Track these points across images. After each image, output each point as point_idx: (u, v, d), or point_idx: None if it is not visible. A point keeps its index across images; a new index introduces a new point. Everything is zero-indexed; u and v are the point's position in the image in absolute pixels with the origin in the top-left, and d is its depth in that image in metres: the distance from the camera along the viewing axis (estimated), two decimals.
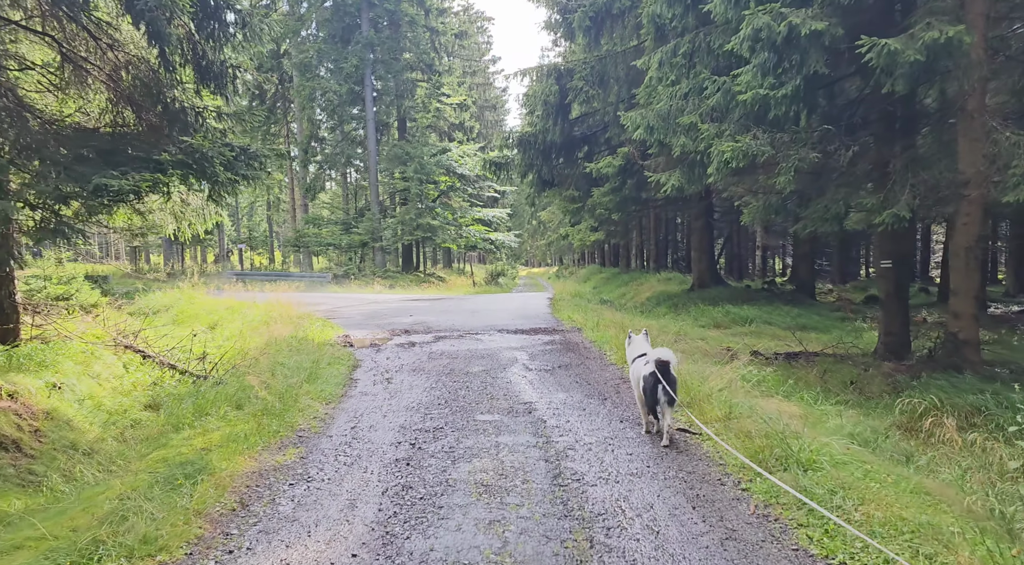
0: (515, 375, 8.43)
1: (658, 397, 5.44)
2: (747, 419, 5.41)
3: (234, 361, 9.27)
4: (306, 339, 10.69)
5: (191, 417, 6.32)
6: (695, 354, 10.31)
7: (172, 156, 6.29)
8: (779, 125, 9.24)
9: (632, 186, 20.01)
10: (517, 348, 10.59)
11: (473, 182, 40.42)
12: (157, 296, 18.33)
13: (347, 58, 35.32)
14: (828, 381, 9.09)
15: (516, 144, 21.92)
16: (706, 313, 17.71)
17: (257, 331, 12.03)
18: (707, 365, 8.69)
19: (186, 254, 56.47)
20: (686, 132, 10.60)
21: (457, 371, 8.74)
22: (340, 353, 9.97)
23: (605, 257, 50.45)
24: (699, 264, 21.92)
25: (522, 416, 6.41)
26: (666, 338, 12.20)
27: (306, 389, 7.26)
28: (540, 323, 13.89)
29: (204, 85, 7.07)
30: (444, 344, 11.11)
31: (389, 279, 32.76)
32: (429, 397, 7.32)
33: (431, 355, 10.02)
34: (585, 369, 8.79)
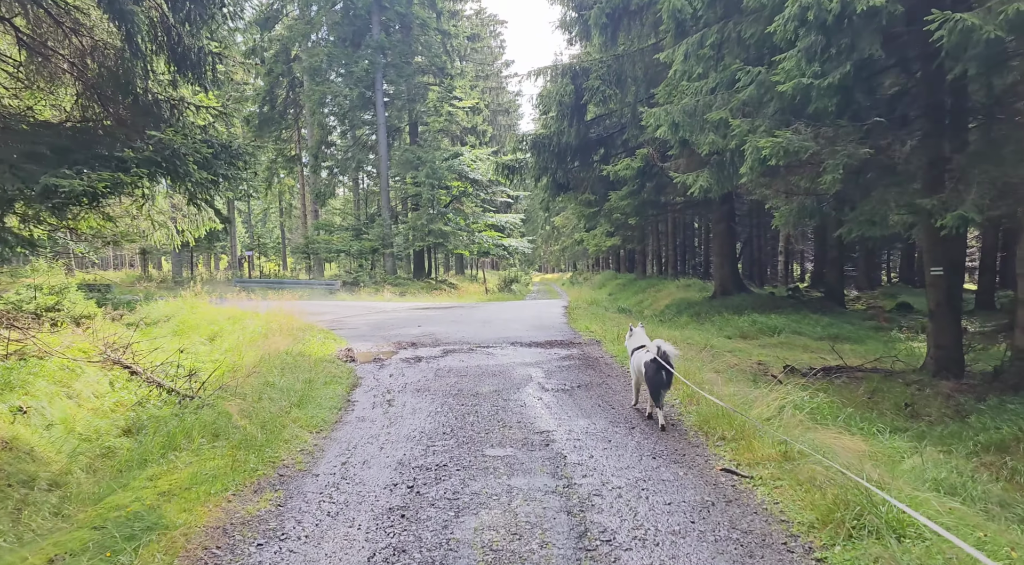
0: (530, 396, 7.59)
1: (662, 379, 6.14)
2: (809, 461, 4.53)
3: (224, 380, 8.50)
4: (303, 354, 9.91)
5: (161, 449, 5.53)
6: (728, 371, 9.41)
7: (137, 153, 5.53)
8: (819, 120, 8.36)
9: (651, 189, 19.15)
10: (532, 364, 9.74)
11: (486, 187, 39.67)
12: (159, 305, 17.67)
13: (357, 62, 34.73)
14: (878, 403, 8.18)
15: (530, 147, 21.11)
16: (731, 322, 16.78)
17: (254, 344, 11.27)
18: (744, 385, 7.81)
19: (199, 261, 56.12)
20: (715, 129, 9.73)
21: (465, 392, 7.91)
22: (339, 370, 9.16)
23: (620, 263, 49.51)
24: (721, 270, 20.98)
25: (538, 450, 5.56)
26: (692, 353, 11.31)
27: (295, 415, 6.45)
28: (556, 335, 13.04)
29: (181, 74, 6.31)
30: (453, 359, 10.28)
31: (400, 286, 32.01)
32: (433, 424, 6.48)
33: (438, 372, 9.20)
34: (607, 389, 7.93)
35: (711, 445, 5.50)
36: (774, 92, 8.65)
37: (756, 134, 8.53)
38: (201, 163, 6.05)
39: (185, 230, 10.30)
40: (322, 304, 23.21)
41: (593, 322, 14.74)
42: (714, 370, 9.06)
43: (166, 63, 6.15)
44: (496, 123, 53.54)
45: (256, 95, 42.03)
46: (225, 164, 6.46)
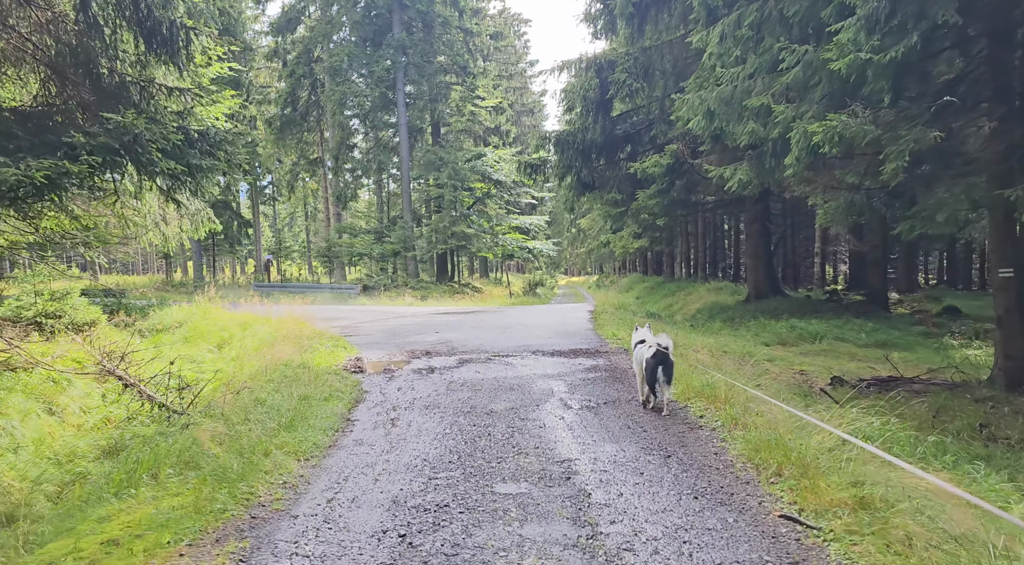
0: (550, 415, 6.74)
1: (657, 376, 6.58)
2: (896, 512, 3.63)
3: (216, 395, 7.80)
4: (306, 365, 9.17)
5: (119, 485, 4.79)
6: (771, 385, 8.48)
7: (90, 139, 4.81)
8: (872, 103, 7.42)
9: (681, 187, 18.19)
10: (554, 376, 8.89)
11: (510, 188, 38.87)
12: (172, 311, 17.18)
13: (378, 61, 34.19)
14: (947, 422, 7.19)
15: (553, 144, 20.26)
16: (767, 328, 15.77)
17: (258, 354, 10.60)
18: (793, 402, 6.88)
19: (225, 265, 56.09)
20: (755, 116, 8.81)
21: (478, 409, 7.09)
22: (343, 384, 8.40)
23: (648, 265, 48.40)
24: (755, 272, 19.93)
25: (558, 485, 4.72)
26: (729, 363, 10.39)
27: (282, 440, 5.67)
28: (581, 342, 12.18)
29: (151, 52, 5.59)
30: (468, 370, 9.47)
31: (421, 290, 31.34)
32: (439, 449, 5.68)
33: (450, 385, 8.39)
34: (638, 407, 7.05)
35: (764, 482, 4.61)
36: (822, 73, 7.73)
37: (803, 120, 7.61)
38: (169, 151, 5.33)
39: (183, 231, 9.66)
40: (339, 309, 22.60)
41: (620, 328, 13.85)
42: (756, 384, 8.14)
43: (133, 39, 5.44)
44: (520, 123, 52.74)
45: (278, 97, 41.72)
46: (201, 153, 5.74)
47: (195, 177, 6.09)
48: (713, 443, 5.60)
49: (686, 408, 6.78)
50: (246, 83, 46.79)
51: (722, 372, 8.47)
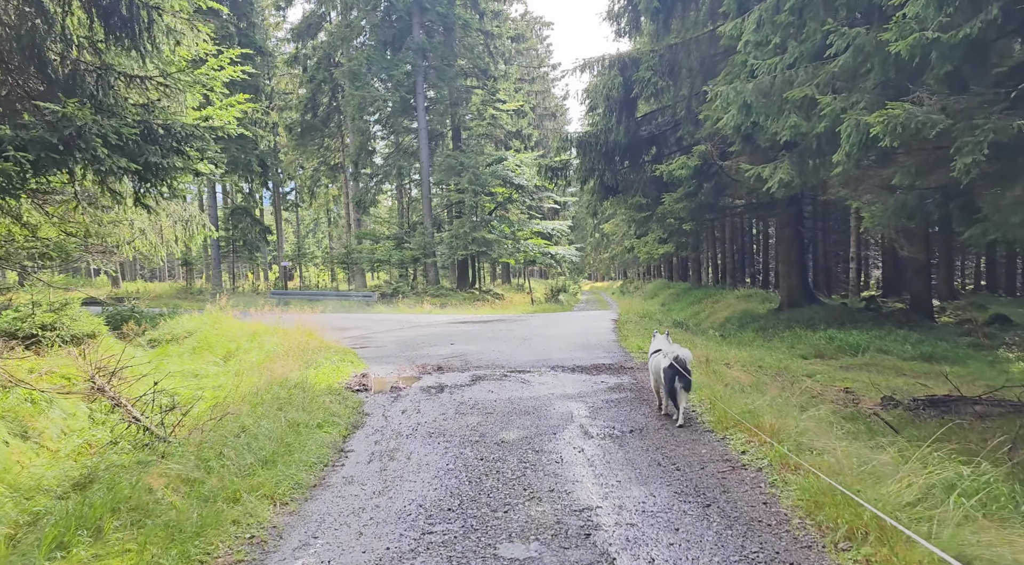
0: (568, 447, 5.92)
1: (675, 387, 6.53)
2: None
3: (205, 416, 7.10)
4: (305, 384, 8.43)
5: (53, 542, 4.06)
6: (811, 402, 7.59)
7: (20, 132, 4.11)
8: (935, 91, 6.53)
9: (709, 190, 17.28)
10: (574, 396, 8.07)
11: (531, 193, 38.14)
12: (182, 320, 16.66)
13: (398, 65, 33.66)
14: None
15: (575, 146, 19.44)
16: (803, 339, 14.79)
17: (260, 368, 9.90)
18: (846, 431, 5.99)
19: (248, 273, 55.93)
20: (797, 109, 7.94)
21: (488, 438, 6.30)
22: (341, 406, 7.65)
23: (673, 271, 47.31)
24: (788, 279, 18.92)
25: (575, 546, 3.90)
26: (767, 380, 9.51)
27: (258, 480, 4.92)
28: (604, 356, 11.34)
29: (110, 35, 4.90)
30: (481, 389, 8.68)
31: (441, 297, 30.65)
32: (438, 491, 4.90)
33: (460, 408, 7.61)
34: (669, 437, 6.20)
35: (831, 548, 3.74)
36: (876, 59, 6.85)
37: (854, 111, 6.72)
38: (121, 147, 4.62)
39: (179, 239, 9.06)
40: (355, 317, 21.97)
41: (646, 340, 12.93)
42: (799, 406, 7.25)
43: (88, 19, 4.77)
44: (543, 127, 52.00)
45: (299, 103, 41.44)
46: (164, 150, 5.03)
47: (158, 177, 5.38)
48: (761, 488, 4.73)
49: (725, 440, 5.91)
50: (268, 90, 46.70)
51: (761, 393, 7.60)
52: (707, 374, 8.93)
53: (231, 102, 19.20)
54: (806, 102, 7.71)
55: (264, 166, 35.62)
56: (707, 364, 10.00)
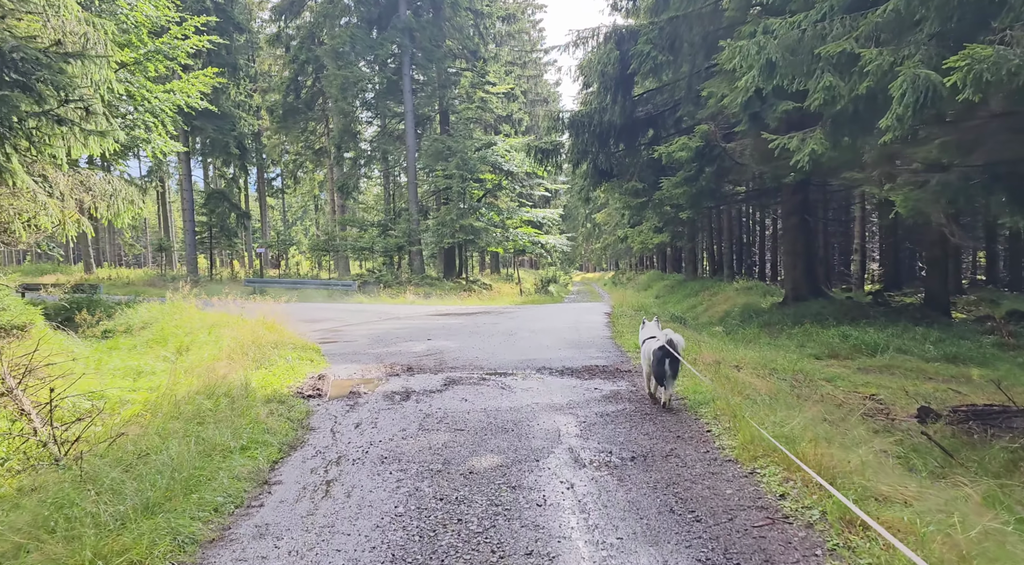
0: (553, 482, 4.65)
1: (665, 370, 6.51)
2: None
3: (110, 434, 5.79)
4: (245, 389, 7.12)
5: None
6: (834, 413, 6.39)
7: None
8: None
9: (710, 175, 15.98)
10: (562, 407, 6.79)
11: (522, 180, 36.74)
12: (142, 310, 15.38)
13: (383, 44, 32.14)
14: None
15: (567, 126, 18.11)
16: (814, 337, 13.59)
17: (204, 368, 8.57)
18: (881, 444, 4.75)
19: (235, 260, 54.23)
20: (832, 67, 6.63)
21: (454, 466, 5.01)
22: (282, 419, 6.34)
23: (667, 262, 46.08)
24: (793, 271, 17.69)
25: None
26: (783, 384, 8.29)
27: (129, 536, 3.61)
28: (597, 356, 10.06)
29: None
30: (453, 396, 7.40)
31: (425, 287, 29.31)
32: (377, 553, 3.61)
33: (425, 421, 6.32)
34: (681, 467, 4.92)
35: None
36: (932, 4, 5.56)
37: (911, 63, 5.43)
38: None
39: (103, 216, 7.73)
40: (330, 308, 20.63)
41: None
42: (825, 421, 6.00)
43: None
44: (534, 113, 50.53)
45: (281, 84, 39.82)
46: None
47: None
48: (817, 557, 3.46)
49: (755, 476, 4.63)
50: (252, 72, 45.01)
51: (789, 408, 6.34)
52: (718, 380, 7.67)
53: (198, 76, 17.64)
54: (843, 58, 6.42)
55: (243, 148, 34.12)
56: (717, 368, 8.75)
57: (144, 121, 16.69)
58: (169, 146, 16.89)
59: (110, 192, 7.46)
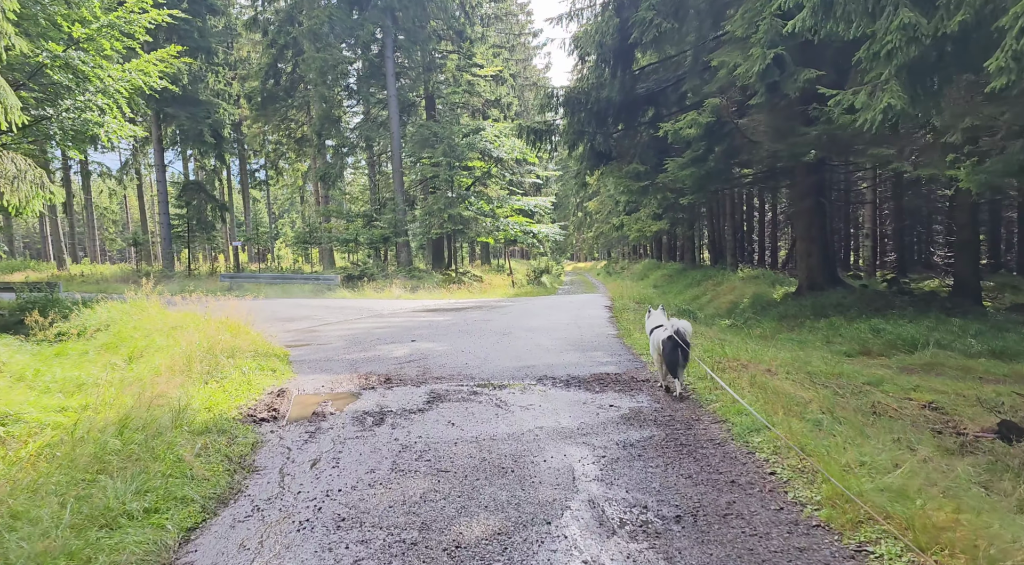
0: (574, 562, 3.29)
1: (677, 359, 6.48)
2: None
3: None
4: (185, 412, 5.73)
5: None
6: (889, 427, 5.11)
7: None
8: None
9: (720, 155, 14.61)
10: (573, 434, 5.43)
11: (512, 168, 35.26)
12: (103, 309, 13.94)
13: (363, 25, 30.50)
14: None
15: (562, 104, 16.67)
16: (841, 331, 12.31)
17: (151, 381, 7.18)
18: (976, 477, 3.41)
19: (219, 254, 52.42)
20: (911, 1, 5.24)
21: (434, 535, 3.64)
22: (215, 460, 4.94)
23: (663, 250, 44.74)
24: (807, 259, 16.38)
25: None
26: (828, 392, 6.98)
27: None
28: (606, 360, 8.71)
29: None
30: (438, 418, 6.02)
31: (413, 280, 27.86)
32: None
33: (400, 459, 4.95)
34: (753, 538, 3.52)
35: None
36: None
37: None
38: None
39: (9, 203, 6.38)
40: (309, 304, 19.17)
41: None
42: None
43: None
44: (524, 99, 48.97)
45: (259, 70, 38.05)
46: None
47: None
48: None
49: (865, 557, 3.25)
50: (231, 60, 43.19)
51: (855, 429, 5.01)
52: (756, 391, 6.34)
53: (160, 54, 15.96)
54: None
55: (219, 137, 32.44)
56: (745, 372, 7.42)
57: (96, 103, 15.20)
58: (125, 130, 15.35)
59: (13, 174, 6.06)
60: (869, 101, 6.18)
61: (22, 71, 14.81)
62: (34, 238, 76.50)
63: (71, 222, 48.14)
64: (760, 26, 12.30)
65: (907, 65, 5.41)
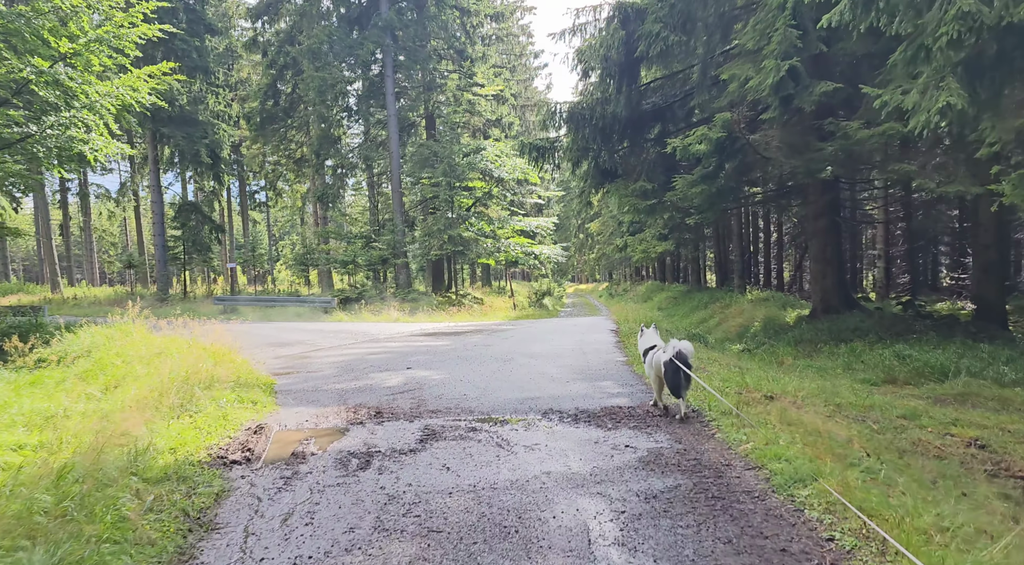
0: None
1: (681, 382, 6.24)
2: None
3: None
4: (134, 460, 5.04)
5: None
6: (939, 470, 4.39)
7: None
8: None
9: (731, 172, 14.01)
10: (586, 482, 4.71)
11: (513, 188, 34.74)
12: (88, 334, 13.30)
13: (363, 44, 30.12)
14: None
15: (565, 120, 16.11)
16: (863, 357, 11.60)
17: (120, 415, 6.50)
18: None
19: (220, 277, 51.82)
20: None
21: None
22: (172, 517, 4.22)
23: (667, 271, 44.07)
24: (822, 281, 15.70)
25: None
26: (867, 431, 6.30)
27: None
28: (617, 391, 8.00)
29: None
30: (431, 460, 5.31)
31: (412, 302, 27.18)
32: None
33: (384, 514, 4.24)
34: None
35: None
36: None
37: None
38: None
39: None
40: (303, 328, 18.48)
41: None
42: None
43: None
44: (525, 120, 48.64)
45: (258, 90, 37.70)
46: None
47: None
48: None
49: None
50: (232, 81, 42.95)
51: (915, 481, 4.31)
52: (789, 429, 5.64)
53: (150, 70, 15.39)
54: None
55: (215, 157, 31.95)
56: (772, 406, 6.72)
57: (81, 119, 14.66)
58: (112, 148, 14.80)
59: None
60: (921, 100, 5.50)
61: (7, 88, 14.32)
62: (33, 261, 76.13)
63: (67, 244, 47.63)
64: (773, 37, 11.79)
65: (964, 61, 4.77)
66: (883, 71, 11.28)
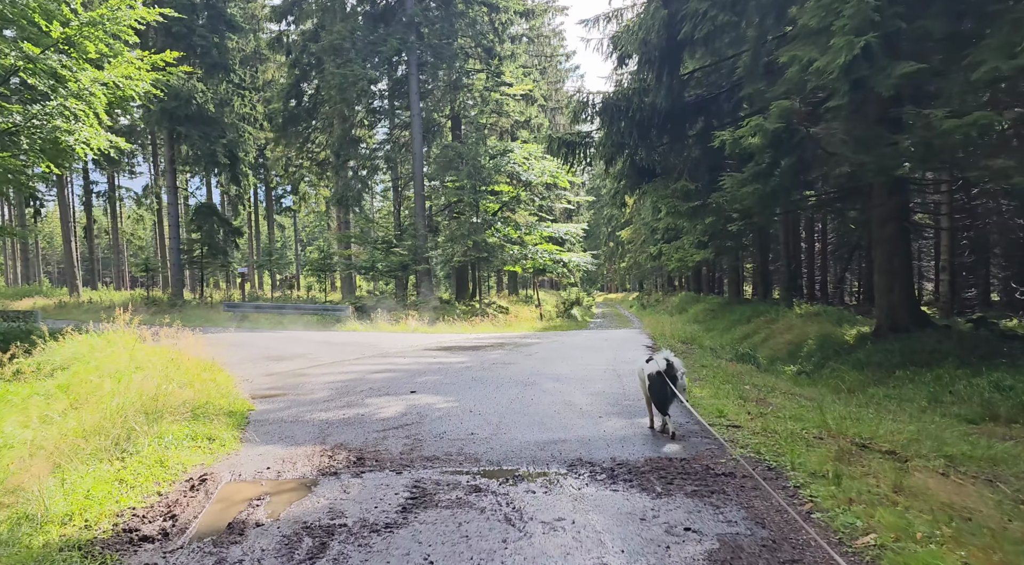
0: None
1: (667, 394, 5.94)
2: None
3: None
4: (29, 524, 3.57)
5: None
6: None
7: None
8: None
9: (787, 169, 12.27)
10: None
11: (541, 192, 33.20)
12: (73, 343, 12.14)
13: (387, 40, 28.85)
14: None
15: (599, 113, 14.50)
16: (952, 387, 9.78)
17: (26, 457, 5.10)
18: None
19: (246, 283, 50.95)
20: None
21: None
22: None
23: (702, 282, 42.06)
24: (888, 295, 13.82)
25: None
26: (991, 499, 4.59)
27: None
28: (663, 436, 6.37)
29: None
30: (409, 549, 3.74)
31: (433, 311, 25.71)
32: None
33: None
34: None
35: None
36: None
37: None
38: None
39: None
40: (309, 339, 17.08)
41: (725, 395, 8.08)
42: None
43: None
44: (555, 123, 47.10)
45: (281, 91, 36.73)
46: None
47: None
48: None
49: None
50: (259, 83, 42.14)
51: None
52: (915, 504, 3.99)
53: (149, 57, 14.06)
54: None
55: (233, 158, 30.88)
56: (871, 460, 5.07)
57: (70, 109, 13.45)
58: (101, 141, 13.55)
59: None
60: None
61: None
62: (67, 264, 76.40)
63: (90, 247, 47.20)
64: (844, 11, 10.12)
65: None
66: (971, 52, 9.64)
